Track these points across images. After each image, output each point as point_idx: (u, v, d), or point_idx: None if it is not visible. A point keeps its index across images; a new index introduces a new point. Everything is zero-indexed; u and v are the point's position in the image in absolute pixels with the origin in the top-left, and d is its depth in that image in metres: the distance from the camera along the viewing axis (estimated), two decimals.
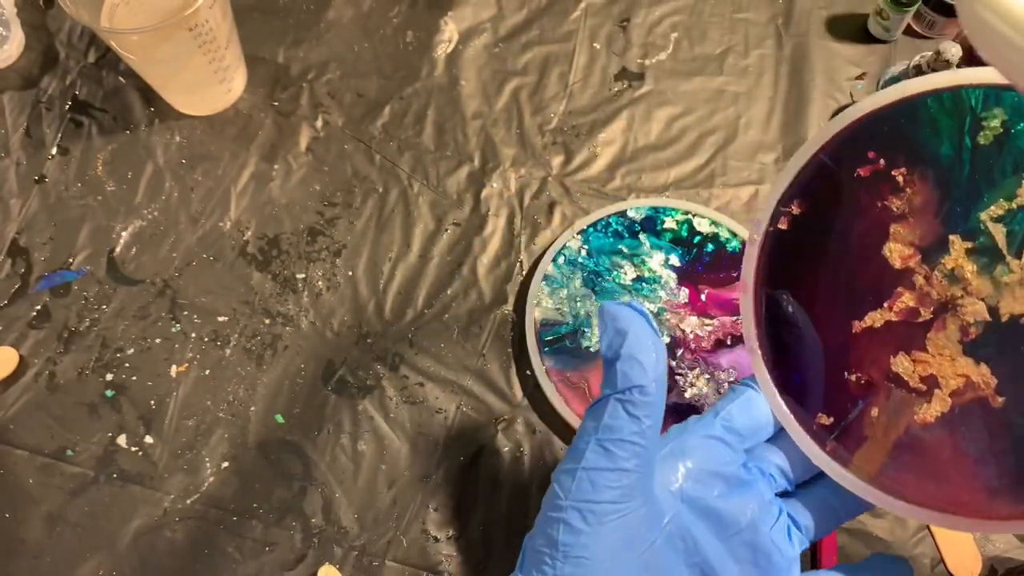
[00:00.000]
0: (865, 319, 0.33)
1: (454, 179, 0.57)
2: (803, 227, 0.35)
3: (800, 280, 0.35)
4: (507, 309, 0.54)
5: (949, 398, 0.31)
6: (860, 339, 0.33)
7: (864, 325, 0.33)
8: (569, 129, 0.59)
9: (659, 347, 0.34)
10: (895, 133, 0.32)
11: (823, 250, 0.34)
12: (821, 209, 0.34)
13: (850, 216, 0.33)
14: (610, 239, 0.53)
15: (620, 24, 0.62)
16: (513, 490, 0.49)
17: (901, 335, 0.33)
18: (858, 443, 0.33)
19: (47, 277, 0.54)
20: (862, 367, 0.33)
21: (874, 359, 0.33)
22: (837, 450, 0.33)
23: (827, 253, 0.34)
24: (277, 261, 0.55)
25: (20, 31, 0.60)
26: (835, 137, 0.33)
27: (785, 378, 0.35)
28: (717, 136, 0.58)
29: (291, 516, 0.49)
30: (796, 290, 0.35)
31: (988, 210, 0.31)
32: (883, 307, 0.33)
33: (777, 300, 0.35)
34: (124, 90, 0.60)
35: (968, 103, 0.31)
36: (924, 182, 0.32)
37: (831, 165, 0.34)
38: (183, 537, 0.49)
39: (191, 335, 0.53)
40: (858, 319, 0.33)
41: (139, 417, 0.51)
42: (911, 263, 0.32)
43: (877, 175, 0.33)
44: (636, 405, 0.33)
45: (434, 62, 0.61)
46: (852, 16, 0.62)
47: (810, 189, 0.34)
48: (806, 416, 0.34)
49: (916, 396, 0.32)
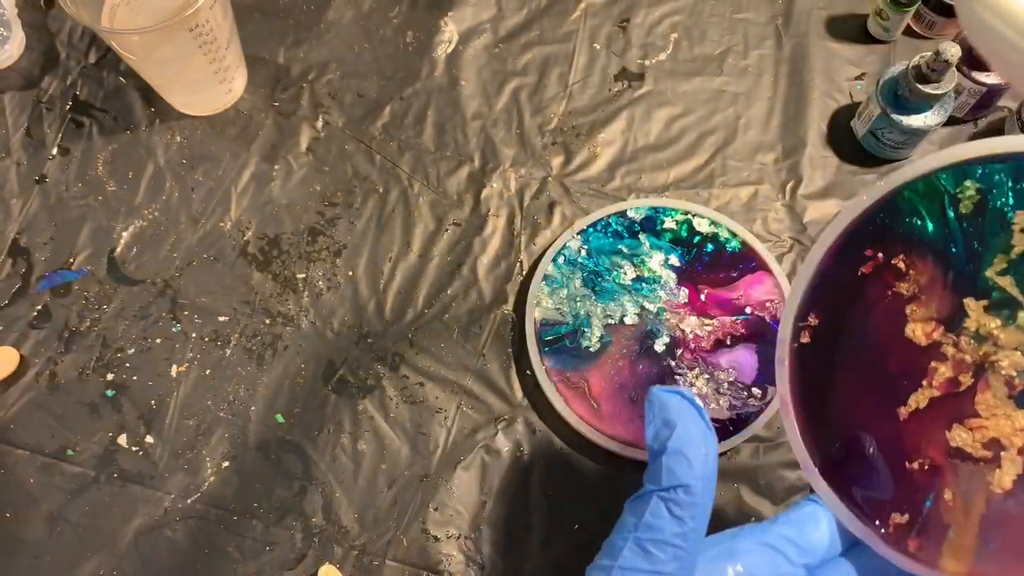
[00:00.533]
0: (909, 402, 0.32)
1: (454, 179, 0.57)
2: (824, 335, 0.35)
3: (835, 386, 0.34)
4: (507, 309, 0.54)
5: (1019, 456, 0.30)
6: (910, 425, 0.32)
7: (910, 409, 0.32)
8: (569, 129, 0.59)
9: (710, 443, 0.32)
10: (883, 229, 0.33)
11: (849, 350, 0.34)
12: (837, 314, 0.34)
13: (864, 311, 0.33)
14: (610, 239, 0.53)
15: (620, 24, 0.62)
16: (513, 490, 0.50)
17: (949, 408, 0.32)
18: (942, 533, 0.31)
19: (48, 277, 0.54)
20: (920, 452, 0.32)
21: (930, 440, 0.32)
22: (922, 548, 0.31)
23: (854, 351, 0.34)
24: (277, 261, 0.55)
25: (21, 31, 0.60)
26: (830, 250, 0.34)
27: (844, 487, 0.33)
28: (717, 136, 0.58)
29: (291, 516, 0.49)
30: (833, 395, 0.34)
31: (991, 267, 0.31)
32: (923, 385, 0.32)
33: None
34: (125, 90, 0.60)
35: (940, 186, 0.31)
36: (924, 261, 0.32)
37: (834, 273, 0.34)
38: (183, 537, 0.49)
39: (191, 335, 0.53)
40: (902, 405, 0.32)
41: (139, 417, 0.51)
42: (936, 335, 0.32)
43: (879, 268, 0.33)
44: (680, 505, 0.31)
45: (434, 62, 0.61)
46: (852, 16, 0.62)
47: (821, 299, 0.34)
48: (879, 521, 0.32)
49: (985, 465, 0.31)
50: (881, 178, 0.57)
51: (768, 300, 0.51)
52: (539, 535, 0.48)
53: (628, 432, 0.49)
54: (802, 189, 0.57)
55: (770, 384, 0.50)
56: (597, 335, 0.51)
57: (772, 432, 0.50)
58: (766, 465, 0.50)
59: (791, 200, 0.56)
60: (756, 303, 0.52)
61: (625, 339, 0.51)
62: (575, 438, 0.50)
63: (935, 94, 0.51)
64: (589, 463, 0.50)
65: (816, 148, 0.58)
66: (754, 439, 0.50)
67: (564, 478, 0.50)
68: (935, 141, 0.58)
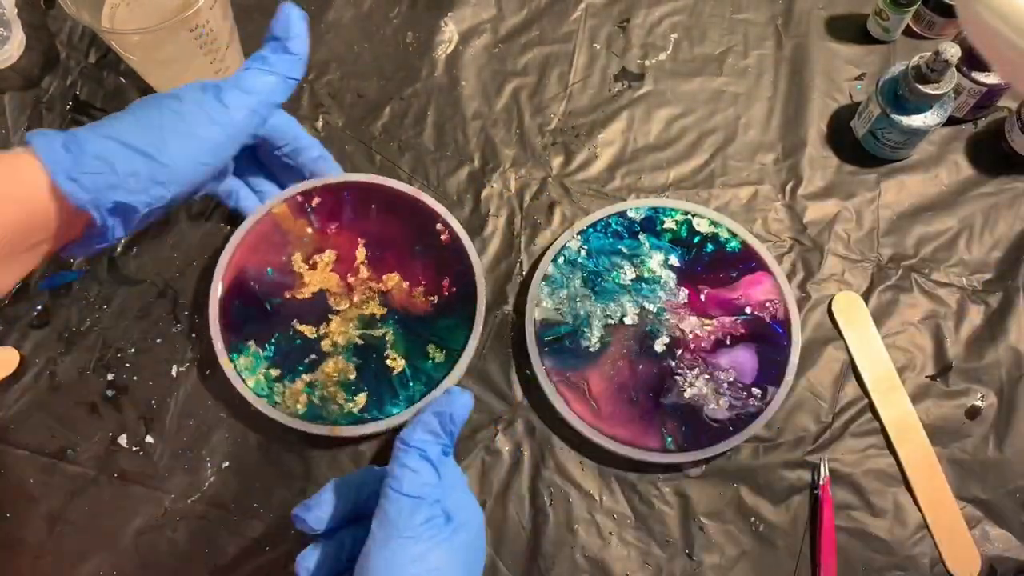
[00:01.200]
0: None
1: (454, 179, 0.57)
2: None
3: None
4: (507, 309, 0.54)
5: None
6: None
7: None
8: (569, 130, 0.59)
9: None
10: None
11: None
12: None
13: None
14: (610, 239, 0.53)
15: (620, 25, 0.62)
16: (513, 490, 0.50)
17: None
18: None
19: (48, 277, 0.54)
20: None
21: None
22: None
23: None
24: None
25: (21, 31, 0.60)
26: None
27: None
28: (717, 136, 0.58)
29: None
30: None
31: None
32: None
33: None
34: (125, 90, 0.60)
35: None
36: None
37: None
38: (184, 537, 0.49)
39: (192, 335, 0.53)
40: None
41: (140, 417, 0.51)
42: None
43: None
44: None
45: (434, 63, 0.61)
46: (852, 16, 0.62)
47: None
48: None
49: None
50: (880, 178, 0.57)
51: (768, 300, 0.51)
52: (539, 535, 0.48)
53: (628, 432, 0.49)
54: (802, 189, 0.57)
55: (770, 384, 0.50)
56: (597, 335, 0.51)
57: (772, 432, 0.51)
58: (766, 465, 0.50)
59: (791, 200, 0.56)
60: (756, 303, 0.52)
61: (625, 339, 0.51)
62: (575, 438, 0.50)
63: (935, 94, 0.51)
64: (589, 463, 0.50)
65: (816, 148, 0.58)
66: (754, 439, 0.50)
67: (564, 478, 0.50)
68: (935, 141, 0.58)
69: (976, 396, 0.51)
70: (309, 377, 0.49)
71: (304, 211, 0.52)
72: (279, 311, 0.50)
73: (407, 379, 0.49)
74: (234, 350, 0.49)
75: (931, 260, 0.55)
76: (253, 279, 0.51)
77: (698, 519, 0.49)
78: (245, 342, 0.50)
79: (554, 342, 0.51)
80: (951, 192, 0.57)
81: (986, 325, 0.53)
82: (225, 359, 0.49)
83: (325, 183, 0.52)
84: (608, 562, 0.48)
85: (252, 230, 0.51)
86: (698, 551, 0.48)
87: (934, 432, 0.50)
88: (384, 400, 0.49)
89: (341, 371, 0.49)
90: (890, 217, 0.56)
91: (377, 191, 0.53)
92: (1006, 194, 0.56)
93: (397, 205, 0.53)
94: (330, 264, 0.51)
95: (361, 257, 0.52)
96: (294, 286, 0.51)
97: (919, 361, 0.52)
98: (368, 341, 0.50)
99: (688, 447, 0.49)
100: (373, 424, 0.48)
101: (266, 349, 0.50)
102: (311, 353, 0.50)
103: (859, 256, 0.55)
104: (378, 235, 0.52)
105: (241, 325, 0.50)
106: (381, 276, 0.51)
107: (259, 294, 0.51)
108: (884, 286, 0.54)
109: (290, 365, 0.49)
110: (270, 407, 0.49)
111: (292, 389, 0.49)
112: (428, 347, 0.50)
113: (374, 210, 0.52)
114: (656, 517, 0.49)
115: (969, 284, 0.54)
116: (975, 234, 0.55)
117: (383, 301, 0.51)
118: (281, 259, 0.51)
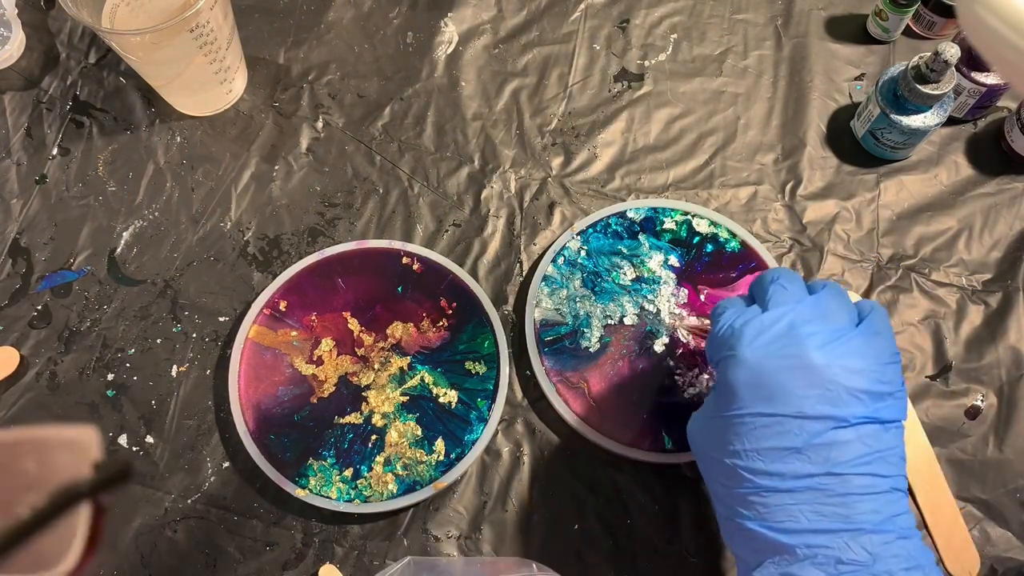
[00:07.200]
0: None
1: (454, 180, 0.57)
2: None
3: None
4: (507, 309, 0.54)
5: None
6: None
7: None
8: (569, 130, 0.59)
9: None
10: None
11: None
12: None
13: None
14: (609, 240, 0.54)
15: (619, 25, 0.62)
16: (513, 490, 0.50)
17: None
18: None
19: (48, 277, 0.54)
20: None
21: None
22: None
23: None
24: (278, 261, 0.55)
25: (21, 31, 0.60)
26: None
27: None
28: (716, 137, 0.58)
29: (291, 516, 0.49)
30: None
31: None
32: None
33: None
34: (125, 91, 0.60)
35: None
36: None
37: None
38: (184, 536, 0.49)
39: (192, 335, 0.53)
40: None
41: (140, 417, 0.51)
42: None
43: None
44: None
45: (434, 63, 0.61)
46: (851, 17, 0.62)
47: None
48: None
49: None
50: (880, 178, 0.57)
51: None
52: (539, 535, 0.48)
53: (628, 432, 0.49)
54: (801, 189, 0.57)
55: None
56: (597, 335, 0.51)
57: None
58: None
59: (790, 200, 0.56)
60: None
61: (625, 339, 0.51)
62: (575, 438, 0.50)
63: (934, 94, 0.51)
64: (589, 463, 0.50)
65: (816, 148, 0.58)
66: None
67: (564, 478, 0.50)
68: (935, 141, 0.58)
69: (976, 396, 0.51)
70: (381, 457, 0.48)
71: (277, 320, 0.51)
72: (315, 419, 0.49)
73: (465, 403, 0.50)
74: (299, 478, 0.48)
75: (931, 260, 0.55)
76: (272, 407, 0.50)
77: (697, 519, 0.49)
78: (303, 465, 0.48)
79: (554, 342, 0.51)
80: (951, 192, 0.57)
81: (986, 325, 0.53)
82: (301, 492, 0.48)
83: (277, 287, 0.52)
84: (608, 562, 0.48)
85: (241, 365, 0.50)
86: (697, 551, 0.48)
87: (934, 432, 0.50)
88: (459, 433, 0.49)
89: (406, 433, 0.49)
90: (890, 217, 0.56)
91: (328, 264, 0.53)
92: (1006, 194, 0.56)
93: (354, 265, 0.53)
94: (333, 350, 0.51)
95: (356, 328, 0.51)
96: (314, 389, 0.50)
97: (919, 361, 0.52)
98: (412, 394, 0.50)
99: (687, 447, 0.48)
100: (469, 457, 0.48)
101: (326, 458, 0.49)
102: (370, 436, 0.49)
103: (859, 256, 0.55)
104: (357, 300, 0.52)
105: (286, 453, 0.49)
106: (384, 333, 0.51)
107: (286, 416, 0.49)
108: (884, 286, 0.54)
109: (357, 458, 0.49)
110: (363, 504, 0.48)
111: (374, 476, 0.48)
112: (465, 365, 0.50)
113: (340, 282, 0.52)
114: (655, 517, 0.49)
115: (969, 284, 0.54)
116: (975, 234, 0.55)
117: (401, 352, 0.51)
118: (286, 373, 0.50)
